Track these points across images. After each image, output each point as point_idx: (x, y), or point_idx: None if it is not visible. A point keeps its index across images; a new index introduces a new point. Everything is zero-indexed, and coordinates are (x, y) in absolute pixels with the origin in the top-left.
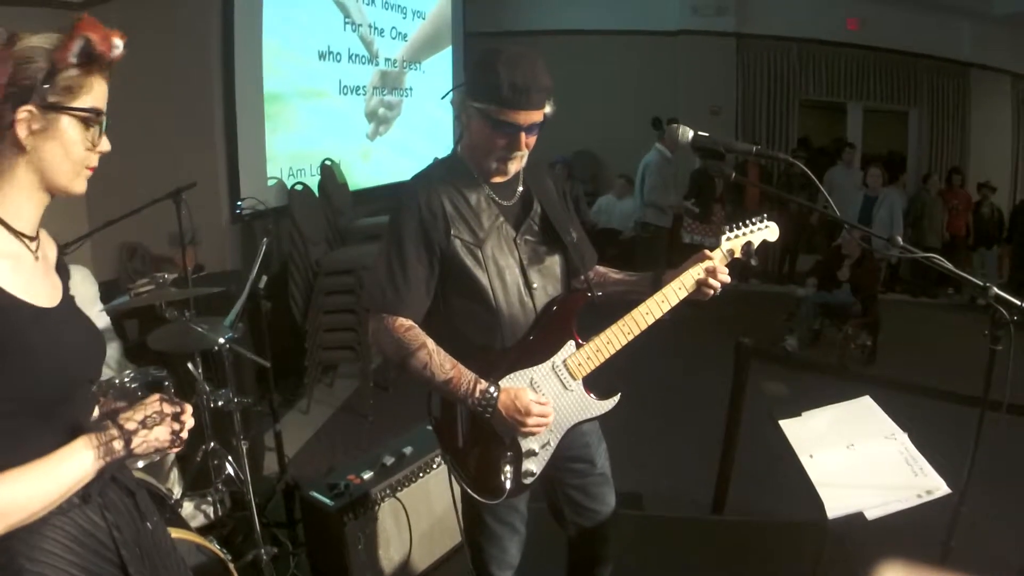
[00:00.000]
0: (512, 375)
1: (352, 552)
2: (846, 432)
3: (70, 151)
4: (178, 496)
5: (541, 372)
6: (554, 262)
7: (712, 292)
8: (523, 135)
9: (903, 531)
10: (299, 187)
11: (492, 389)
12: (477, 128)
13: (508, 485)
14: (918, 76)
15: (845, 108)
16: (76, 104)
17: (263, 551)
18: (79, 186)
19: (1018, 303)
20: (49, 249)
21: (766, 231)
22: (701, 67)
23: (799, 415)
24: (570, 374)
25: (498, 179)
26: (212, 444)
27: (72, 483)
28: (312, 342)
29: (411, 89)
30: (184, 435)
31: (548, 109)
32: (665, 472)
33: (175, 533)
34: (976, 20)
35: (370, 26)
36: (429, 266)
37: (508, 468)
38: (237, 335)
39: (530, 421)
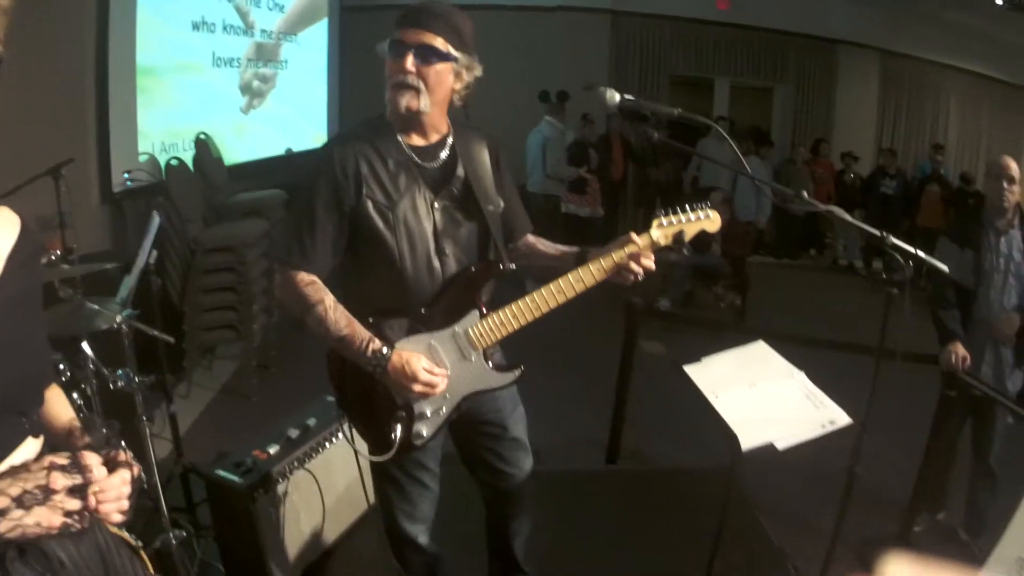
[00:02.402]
0: (411, 338)
1: (264, 529)
2: (746, 373)
3: None
4: None
5: (440, 338)
6: (471, 230)
7: (633, 278)
8: (410, 56)
9: (793, 472)
10: (174, 162)
11: (384, 350)
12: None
13: (396, 444)
14: (785, 53)
15: (713, 84)
16: None
17: (171, 535)
18: None
19: (912, 250)
20: None
21: (705, 222)
22: (576, 44)
23: (700, 361)
24: (470, 344)
25: (417, 139)
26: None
27: None
28: (191, 323)
29: (286, 62)
30: (111, 514)
31: (456, 54)
32: (558, 427)
33: None
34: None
35: None
36: (337, 226)
37: (399, 428)
38: (134, 312)
39: (416, 388)
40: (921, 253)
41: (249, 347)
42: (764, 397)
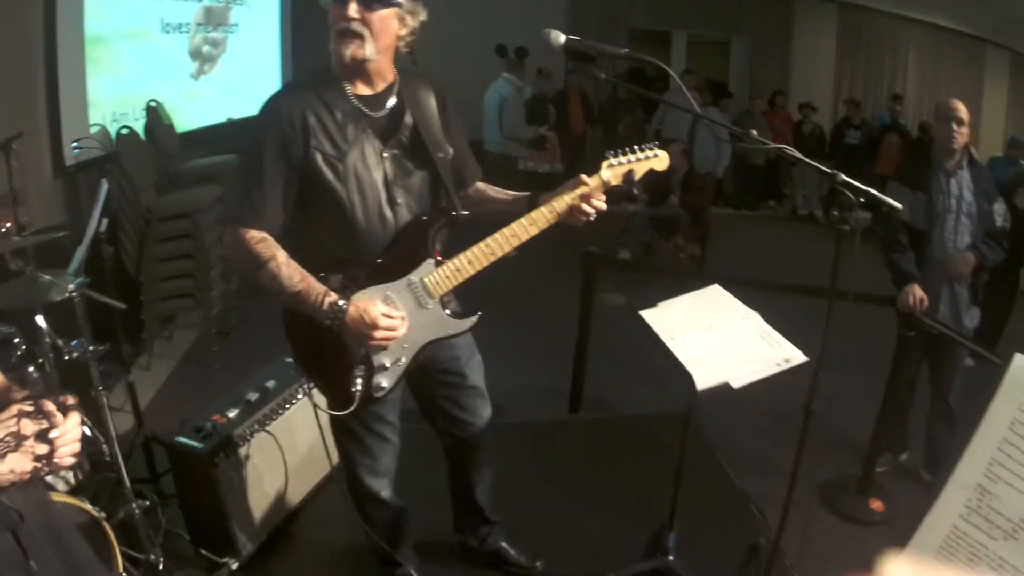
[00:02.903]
0: (367, 290)
1: (227, 493)
2: (702, 316)
3: None
4: None
5: (396, 288)
6: (422, 178)
7: (585, 218)
8: (353, 3)
9: (755, 414)
10: (125, 131)
11: (341, 302)
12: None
13: (358, 397)
14: (742, 5)
15: (670, 38)
16: None
17: (135, 505)
18: None
19: (862, 187)
20: None
21: (653, 160)
22: None
23: (656, 306)
24: (427, 292)
25: (363, 88)
26: None
27: None
28: (148, 293)
29: (237, 25)
30: (65, 457)
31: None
32: (520, 378)
33: None
34: None
35: None
36: (286, 180)
37: (359, 381)
38: (85, 280)
39: (377, 335)
40: (872, 190)
41: (208, 314)
42: (719, 338)
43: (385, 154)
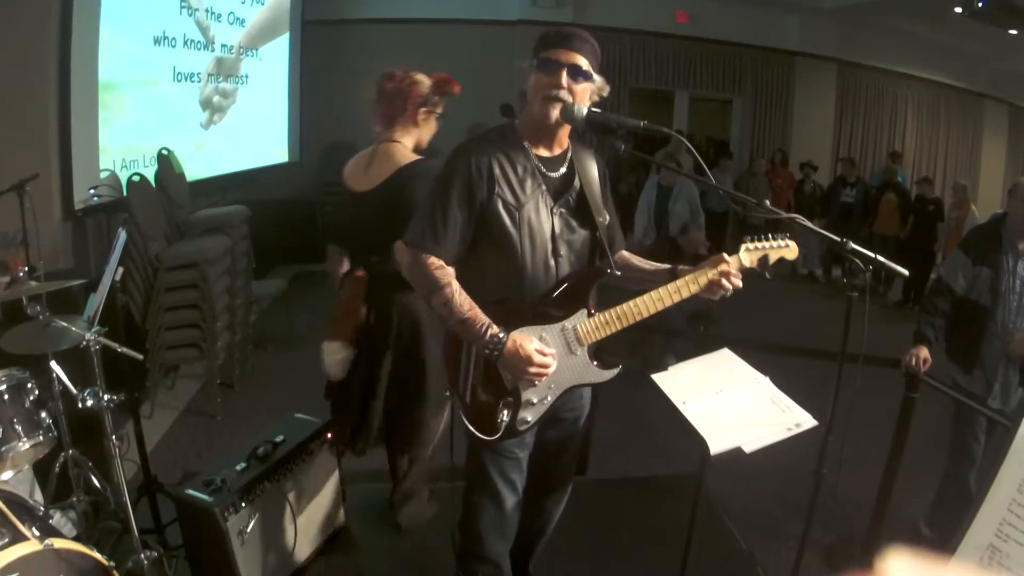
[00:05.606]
0: (524, 328)
1: (236, 548)
2: (713, 380)
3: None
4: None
5: (551, 332)
6: (583, 237)
7: (723, 293)
8: (564, 73)
9: (763, 477)
10: (136, 178)
11: (501, 334)
12: (531, 82)
13: (503, 426)
14: (743, 65)
15: (673, 97)
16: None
17: (143, 556)
18: None
19: (871, 255)
20: None
21: (785, 250)
22: None
23: (667, 370)
24: (577, 339)
25: (543, 151)
26: (71, 451)
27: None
28: (154, 342)
29: (247, 76)
30: None
31: (595, 75)
32: None
33: (57, 543)
34: (805, 13)
35: (207, 11)
36: (467, 218)
37: (506, 412)
38: (102, 329)
39: (531, 369)
40: (880, 257)
41: (212, 365)
42: (731, 402)
43: (555, 210)
